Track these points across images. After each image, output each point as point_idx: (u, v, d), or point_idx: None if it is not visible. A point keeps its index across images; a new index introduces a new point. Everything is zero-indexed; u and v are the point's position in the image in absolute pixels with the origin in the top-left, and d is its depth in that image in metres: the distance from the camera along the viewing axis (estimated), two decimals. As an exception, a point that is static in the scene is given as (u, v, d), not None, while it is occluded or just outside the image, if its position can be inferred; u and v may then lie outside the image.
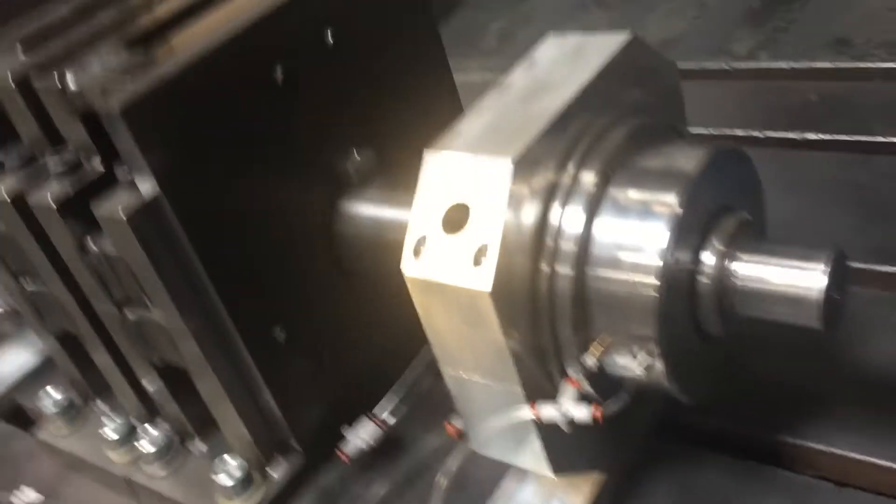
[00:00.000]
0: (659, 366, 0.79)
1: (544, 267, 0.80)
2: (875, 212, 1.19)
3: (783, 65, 1.57)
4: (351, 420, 1.04)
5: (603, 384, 0.83)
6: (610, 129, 0.84)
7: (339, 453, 1.03)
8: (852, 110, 1.41)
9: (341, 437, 1.04)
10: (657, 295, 0.76)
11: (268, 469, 1.08)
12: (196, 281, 0.94)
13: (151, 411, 1.17)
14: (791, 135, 1.39)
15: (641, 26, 1.73)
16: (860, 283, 1.10)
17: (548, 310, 0.80)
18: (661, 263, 0.76)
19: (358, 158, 1.05)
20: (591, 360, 0.80)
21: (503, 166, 0.75)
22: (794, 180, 1.31)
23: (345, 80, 1.04)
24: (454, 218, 0.78)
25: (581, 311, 0.80)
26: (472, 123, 0.83)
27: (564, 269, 0.80)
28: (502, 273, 0.75)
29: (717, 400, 0.91)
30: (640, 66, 0.90)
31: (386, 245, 0.96)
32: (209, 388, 1.02)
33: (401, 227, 0.81)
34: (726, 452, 0.97)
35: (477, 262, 0.75)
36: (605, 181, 0.81)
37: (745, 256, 0.81)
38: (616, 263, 0.79)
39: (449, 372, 0.85)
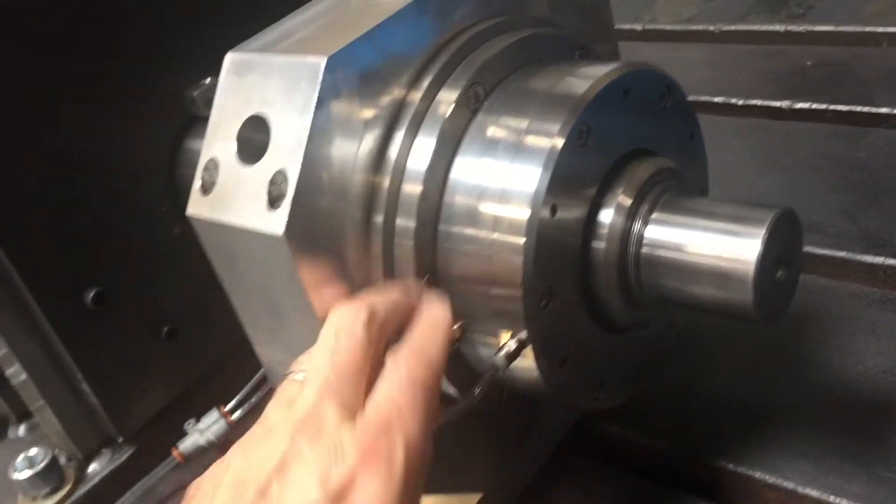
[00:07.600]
0: (531, 360, 0.58)
1: (377, 218, 0.58)
2: (867, 193, 0.96)
3: (778, 27, 1.34)
4: (202, 413, 0.84)
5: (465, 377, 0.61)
6: (490, 35, 0.62)
7: (173, 452, 0.83)
8: (853, 78, 1.18)
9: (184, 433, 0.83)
10: (523, 258, 0.54)
11: (88, 467, 0.87)
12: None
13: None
14: (777, 103, 1.17)
15: (649, 10, 1.53)
16: (841, 277, 0.88)
17: (384, 275, 0.59)
18: (530, 215, 0.54)
19: (209, 84, 0.83)
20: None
21: (311, 69, 0.54)
22: (776, 154, 1.09)
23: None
24: (253, 139, 0.56)
25: (430, 279, 0.59)
26: (298, 19, 0.62)
27: (406, 222, 0.58)
28: (307, 213, 0.54)
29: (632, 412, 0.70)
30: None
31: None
32: (10, 367, 0.81)
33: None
34: (645, 475, 0.75)
35: (272, 195, 0.54)
36: (474, 103, 0.60)
37: (658, 216, 0.59)
38: (474, 216, 0.57)
39: (259, 349, 0.64)
